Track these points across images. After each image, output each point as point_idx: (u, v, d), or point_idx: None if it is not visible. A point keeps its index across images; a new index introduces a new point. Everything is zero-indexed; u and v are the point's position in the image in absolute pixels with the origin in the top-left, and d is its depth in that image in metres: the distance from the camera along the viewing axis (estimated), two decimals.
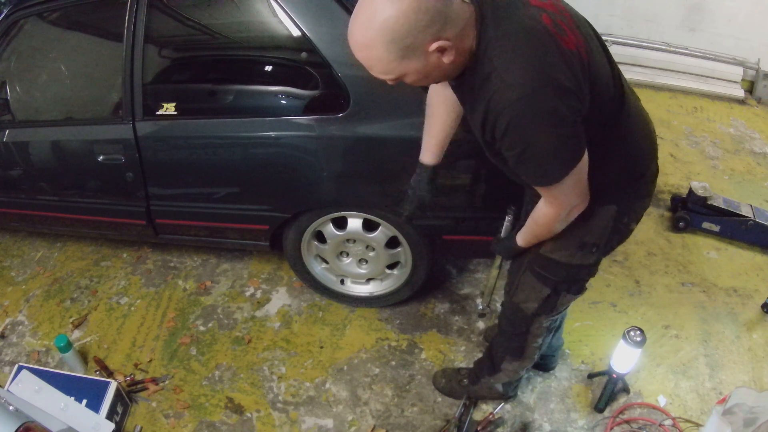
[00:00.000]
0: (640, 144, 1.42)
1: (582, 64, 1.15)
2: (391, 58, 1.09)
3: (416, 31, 1.05)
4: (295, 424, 2.08)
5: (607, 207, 1.41)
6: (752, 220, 2.64)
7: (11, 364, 2.30)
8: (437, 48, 1.08)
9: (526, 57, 1.09)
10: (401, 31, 1.04)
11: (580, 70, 1.14)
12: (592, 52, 1.20)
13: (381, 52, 1.08)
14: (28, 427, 1.59)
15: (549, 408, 2.09)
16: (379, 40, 1.06)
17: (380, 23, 1.04)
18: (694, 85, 3.83)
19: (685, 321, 2.37)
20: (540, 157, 1.17)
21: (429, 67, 1.12)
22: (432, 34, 1.07)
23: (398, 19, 1.03)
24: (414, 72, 1.13)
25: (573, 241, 1.46)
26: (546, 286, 1.56)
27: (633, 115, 1.37)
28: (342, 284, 2.40)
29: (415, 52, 1.08)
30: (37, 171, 2.38)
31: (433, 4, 1.04)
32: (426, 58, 1.10)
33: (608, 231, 1.45)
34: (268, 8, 1.87)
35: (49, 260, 2.79)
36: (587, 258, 1.50)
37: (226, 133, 2.01)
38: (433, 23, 1.05)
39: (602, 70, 1.23)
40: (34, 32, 2.26)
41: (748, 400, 1.67)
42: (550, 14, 1.14)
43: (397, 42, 1.06)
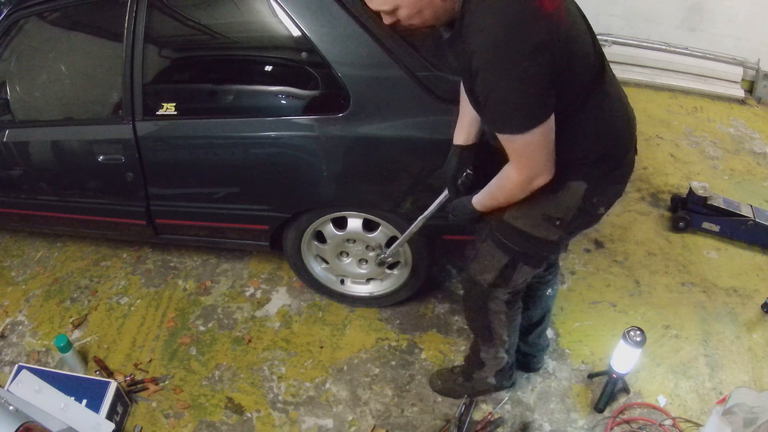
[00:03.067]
0: (616, 126, 1.44)
1: (559, 24, 1.19)
2: None
3: None
4: (295, 424, 2.08)
5: (577, 183, 1.43)
6: (752, 220, 2.64)
7: (11, 364, 2.30)
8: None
9: (502, 9, 1.15)
10: None
11: (556, 30, 1.18)
12: (574, 20, 1.27)
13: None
14: (28, 427, 1.59)
15: (549, 408, 2.09)
16: None
17: None
18: (694, 85, 3.83)
19: (685, 321, 2.38)
20: (503, 103, 1.21)
21: (440, 8, 1.21)
22: None
23: None
24: (407, 5, 1.21)
25: (538, 211, 1.48)
26: (505, 254, 1.58)
27: (611, 97, 1.41)
28: (342, 284, 2.40)
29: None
30: (37, 171, 2.38)
31: None
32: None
33: (575, 208, 1.47)
34: (268, 8, 1.87)
35: (49, 260, 2.79)
36: (551, 233, 1.52)
37: (226, 133, 2.01)
38: None
39: (582, 38, 1.29)
40: (34, 32, 2.26)
41: (748, 400, 1.67)
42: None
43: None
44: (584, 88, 1.33)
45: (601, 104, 1.38)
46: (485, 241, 1.62)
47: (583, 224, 1.59)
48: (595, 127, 1.39)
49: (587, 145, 1.40)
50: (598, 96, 1.36)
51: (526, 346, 2.10)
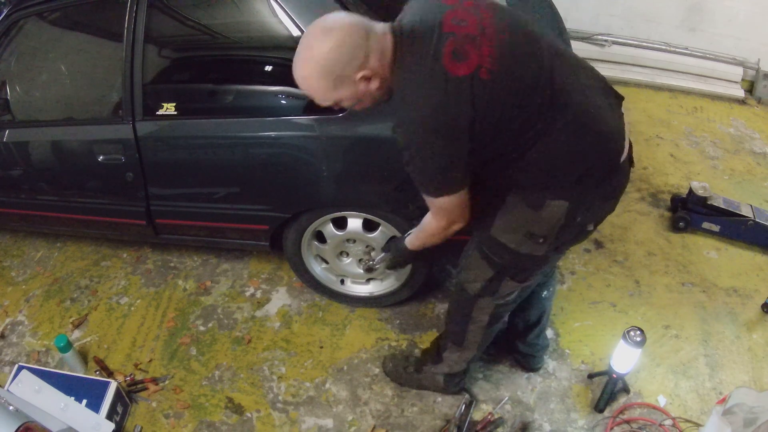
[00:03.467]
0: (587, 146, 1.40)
1: (477, 86, 1.25)
2: (326, 88, 1.30)
3: (342, 64, 1.26)
4: (295, 424, 2.08)
5: (558, 202, 1.42)
6: (752, 220, 2.64)
7: (11, 364, 2.30)
8: (362, 77, 1.29)
9: (409, 93, 1.29)
10: (330, 65, 1.26)
11: (473, 93, 1.25)
12: (508, 65, 1.29)
13: (317, 83, 1.30)
14: (28, 427, 1.59)
15: (549, 408, 2.09)
16: (315, 73, 1.28)
17: (314, 60, 1.27)
18: (694, 85, 3.82)
19: (685, 321, 2.38)
20: (418, 173, 1.38)
21: (359, 93, 1.33)
22: (356, 66, 1.27)
23: (327, 56, 1.25)
24: (347, 98, 1.34)
25: (522, 228, 1.48)
26: (490, 267, 1.59)
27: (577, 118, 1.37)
28: (342, 284, 2.40)
29: (344, 82, 1.29)
30: (37, 171, 2.38)
31: (354, 40, 1.26)
32: (355, 86, 1.31)
33: (558, 226, 1.46)
34: (268, 8, 1.87)
35: (49, 260, 2.79)
36: (536, 249, 1.51)
37: (226, 133, 2.01)
38: (355, 57, 1.26)
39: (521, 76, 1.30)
40: (34, 32, 2.26)
41: (748, 400, 1.67)
42: (457, 39, 1.27)
43: (329, 74, 1.27)
44: (532, 125, 1.33)
45: (562, 130, 1.35)
46: (473, 251, 1.63)
47: (571, 241, 1.58)
48: (563, 151, 1.37)
49: (559, 169, 1.40)
50: (557, 122, 1.34)
51: (525, 346, 2.10)
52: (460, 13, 1.31)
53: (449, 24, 1.29)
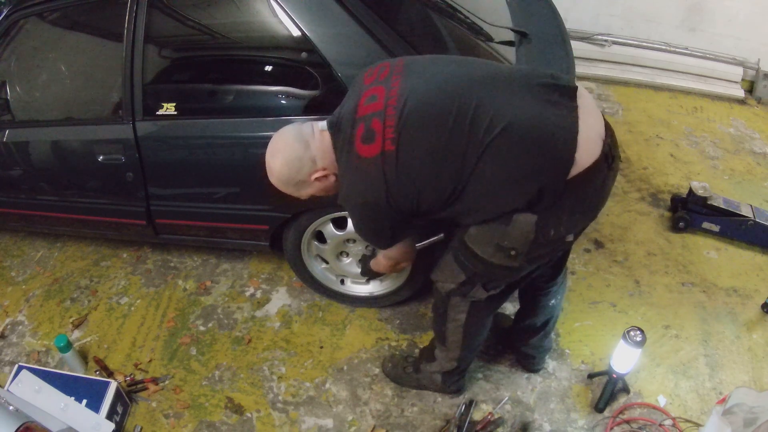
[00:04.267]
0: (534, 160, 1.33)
1: (385, 161, 1.37)
2: (294, 192, 1.56)
3: (295, 174, 1.50)
4: (295, 424, 2.08)
5: (525, 215, 1.38)
6: (752, 220, 2.64)
7: (11, 364, 2.30)
8: (316, 178, 1.51)
9: (342, 181, 1.50)
10: (284, 177, 1.51)
11: (384, 168, 1.37)
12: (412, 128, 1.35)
13: (284, 189, 1.56)
14: (28, 427, 1.60)
15: (549, 408, 2.09)
16: (279, 183, 1.54)
17: (273, 174, 1.53)
18: (694, 85, 3.82)
19: (685, 321, 2.37)
20: (363, 235, 1.64)
21: (323, 188, 1.55)
22: (308, 172, 1.50)
23: (281, 171, 1.50)
24: (316, 192, 1.57)
25: (491, 242, 1.47)
26: (463, 272, 1.61)
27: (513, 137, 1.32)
28: (342, 284, 2.39)
29: (304, 184, 1.53)
30: (37, 171, 2.38)
31: (296, 154, 1.47)
32: (315, 185, 1.53)
33: (529, 241, 1.42)
34: (268, 8, 1.87)
35: (49, 260, 2.79)
36: (508, 261, 1.49)
37: (226, 133, 2.01)
38: (303, 166, 1.49)
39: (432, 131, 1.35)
40: (34, 32, 2.26)
41: (748, 400, 1.67)
42: (366, 121, 1.39)
43: (288, 183, 1.53)
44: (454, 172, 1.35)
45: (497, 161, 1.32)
46: (448, 253, 1.63)
47: (547, 254, 1.53)
48: (503, 180, 1.35)
49: (509, 194, 1.37)
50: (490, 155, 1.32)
51: (528, 348, 2.10)
52: (373, 90, 1.43)
53: (362, 107, 1.42)
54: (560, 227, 1.42)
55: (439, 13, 2.07)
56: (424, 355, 2.05)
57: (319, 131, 1.50)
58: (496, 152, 1.32)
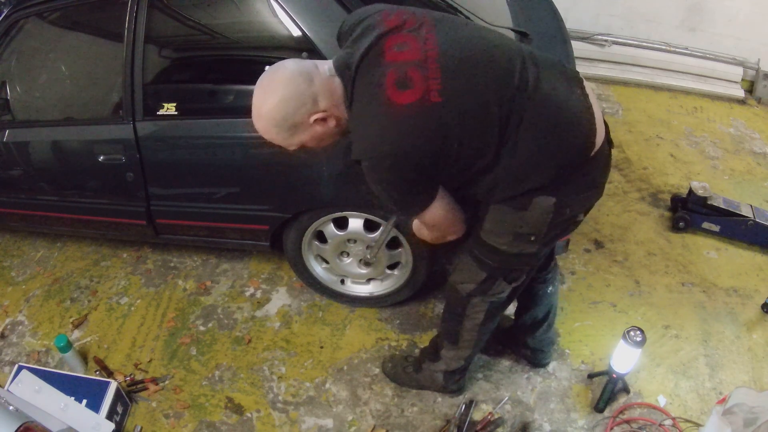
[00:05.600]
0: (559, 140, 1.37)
1: (426, 111, 1.26)
2: (285, 136, 1.35)
3: (292, 113, 1.30)
4: (295, 424, 2.08)
5: (544, 197, 1.40)
6: (752, 220, 2.64)
7: (11, 364, 2.30)
8: (316, 120, 1.32)
9: (361, 132, 1.32)
10: (280, 116, 1.30)
11: (423, 119, 1.26)
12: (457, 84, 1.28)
13: (275, 133, 1.34)
14: (28, 427, 1.60)
15: (549, 408, 2.09)
16: (269, 126, 1.33)
17: (264, 114, 1.31)
18: (694, 85, 3.82)
19: (685, 321, 2.38)
20: (390, 201, 1.40)
21: (319, 134, 1.37)
22: (307, 112, 1.31)
23: (276, 109, 1.29)
24: (309, 140, 1.38)
25: (510, 230, 1.47)
26: (482, 270, 1.59)
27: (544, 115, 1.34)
28: (342, 284, 2.40)
29: (300, 127, 1.33)
30: (37, 171, 2.38)
31: (298, 89, 1.28)
32: (312, 129, 1.34)
33: (547, 223, 1.45)
34: (269, 8, 1.87)
35: (49, 260, 2.79)
36: (527, 247, 1.51)
37: (226, 133, 2.01)
38: (303, 104, 1.29)
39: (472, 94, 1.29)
40: (34, 32, 2.26)
41: (748, 400, 1.67)
42: (399, 67, 1.27)
43: (282, 124, 1.31)
44: (494, 138, 1.32)
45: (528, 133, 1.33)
46: (465, 254, 1.62)
47: (561, 233, 1.57)
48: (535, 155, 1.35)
49: (536, 171, 1.38)
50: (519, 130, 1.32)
51: (535, 342, 2.11)
52: (402, 37, 1.30)
53: (390, 52, 1.29)
54: (575, 206, 1.48)
55: None
56: (426, 355, 2.05)
57: (325, 71, 1.34)
58: (534, 122, 1.33)
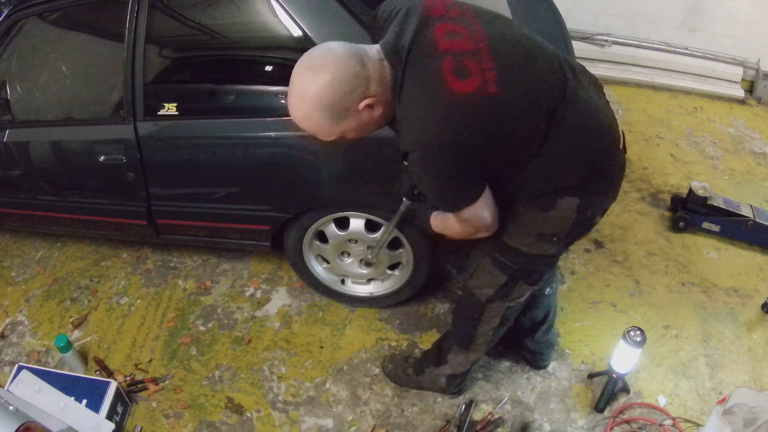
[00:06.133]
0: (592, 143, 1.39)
1: (484, 102, 1.22)
2: (329, 123, 1.24)
3: (343, 97, 1.20)
4: (295, 424, 2.08)
5: (568, 199, 1.41)
6: (752, 220, 2.64)
7: (11, 364, 2.30)
8: (365, 105, 1.24)
9: (415, 119, 1.24)
10: (330, 100, 1.20)
11: (481, 110, 1.22)
12: (510, 77, 1.25)
13: (318, 120, 1.23)
14: (28, 427, 1.59)
15: (549, 408, 2.09)
16: (313, 110, 1.21)
17: (310, 97, 1.20)
18: (694, 85, 3.82)
19: (685, 321, 2.38)
20: (432, 192, 1.35)
21: (363, 122, 1.28)
22: (358, 96, 1.22)
23: (325, 92, 1.19)
24: (352, 129, 1.28)
25: (533, 231, 1.47)
26: (503, 273, 1.58)
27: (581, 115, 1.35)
28: (342, 284, 2.40)
29: (347, 113, 1.24)
30: (37, 171, 2.38)
31: (351, 71, 1.20)
32: (359, 116, 1.25)
33: (570, 223, 1.45)
34: (269, 8, 1.87)
35: (49, 260, 2.79)
36: (547, 248, 1.51)
37: (227, 133, 2.01)
38: (356, 87, 1.21)
39: (524, 89, 1.28)
40: (34, 32, 2.26)
41: (748, 400, 1.67)
42: (455, 56, 1.22)
43: (329, 109, 1.21)
44: (538, 135, 1.31)
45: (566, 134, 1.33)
46: (484, 258, 1.60)
47: (579, 235, 1.57)
48: (567, 156, 1.36)
49: (567, 170, 1.38)
50: (560, 130, 1.32)
51: (534, 344, 2.11)
52: (450, 25, 1.27)
53: (443, 40, 1.24)
54: (596, 208, 1.48)
55: None
56: (429, 359, 2.04)
57: (375, 55, 1.26)
58: (571, 123, 1.33)
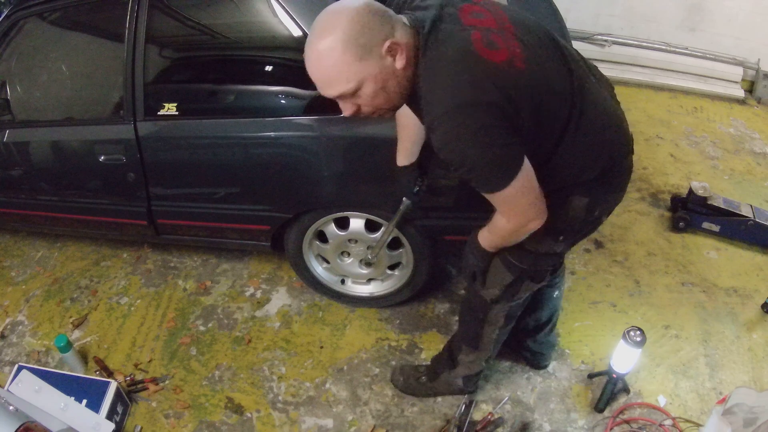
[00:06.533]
0: (607, 140, 1.40)
1: (514, 75, 1.19)
2: (351, 59, 1.15)
3: (369, 29, 1.14)
4: (295, 424, 2.08)
5: (579, 198, 1.42)
6: (752, 220, 2.64)
7: (11, 364, 2.30)
8: (389, 48, 1.16)
9: (446, 79, 1.17)
10: (356, 29, 1.13)
11: (512, 80, 1.19)
12: (535, 59, 1.25)
13: (340, 54, 1.14)
14: (28, 427, 1.59)
15: (549, 408, 2.09)
16: (338, 41, 1.13)
17: (337, 27, 1.13)
18: (694, 85, 3.82)
19: (685, 321, 2.38)
20: (473, 169, 1.22)
21: (385, 72, 1.19)
22: (384, 34, 1.16)
23: (352, 20, 1.13)
24: (371, 79, 1.18)
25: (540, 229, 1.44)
26: (510, 272, 1.58)
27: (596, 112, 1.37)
28: (342, 284, 2.40)
29: (371, 52, 1.15)
30: (38, 171, 2.38)
31: (377, 12, 1.16)
32: (381, 61, 1.17)
33: (578, 222, 1.47)
34: (269, 8, 1.87)
35: (49, 260, 2.79)
36: (554, 246, 1.52)
37: (227, 133, 2.01)
38: (383, 24, 1.16)
39: (550, 75, 1.28)
40: (34, 32, 2.26)
41: (748, 400, 1.68)
42: (482, 30, 1.20)
43: (353, 41, 1.13)
44: (561, 121, 1.31)
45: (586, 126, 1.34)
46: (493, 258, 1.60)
47: (585, 233, 1.59)
48: (587, 148, 1.37)
49: (583, 166, 1.39)
50: (580, 120, 1.33)
51: (536, 345, 2.11)
52: (475, 7, 1.27)
53: (468, 18, 1.23)
54: (604, 207, 1.50)
55: None
56: (442, 364, 2.03)
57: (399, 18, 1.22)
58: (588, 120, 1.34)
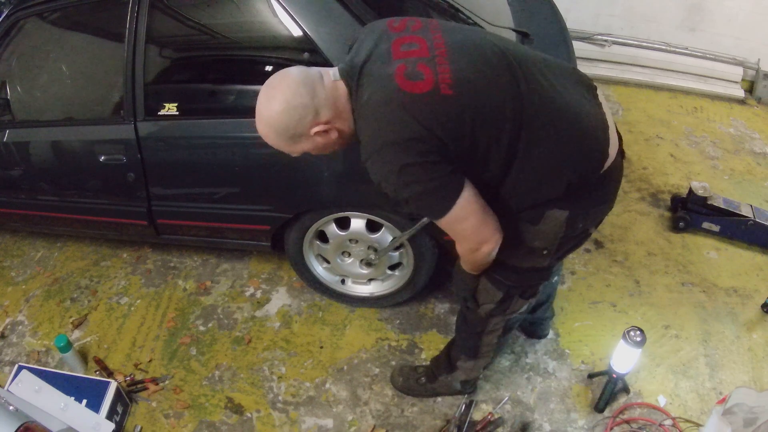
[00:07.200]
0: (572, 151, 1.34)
1: (438, 101, 1.22)
2: (286, 145, 1.34)
3: (293, 124, 1.28)
4: (295, 424, 2.08)
5: (557, 211, 1.38)
6: (752, 220, 2.64)
7: (11, 364, 2.30)
8: (317, 132, 1.30)
9: (371, 122, 1.26)
10: (281, 126, 1.28)
11: (435, 109, 1.22)
12: (467, 81, 1.25)
13: (275, 140, 1.33)
14: (28, 427, 1.59)
15: (549, 408, 2.09)
16: (270, 133, 1.31)
17: (265, 121, 1.29)
18: (694, 85, 3.82)
19: (685, 321, 2.38)
20: (411, 200, 1.29)
21: (320, 144, 1.34)
22: (309, 123, 1.28)
23: (276, 118, 1.27)
24: (311, 149, 1.35)
25: (523, 244, 1.45)
26: (499, 289, 1.58)
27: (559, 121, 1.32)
28: (343, 284, 2.40)
29: (300, 138, 1.31)
30: (38, 171, 2.38)
31: (300, 101, 1.26)
32: (313, 140, 1.32)
33: (560, 236, 1.43)
34: (270, 8, 1.87)
35: (49, 260, 2.79)
36: (539, 261, 1.50)
37: (227, 133, 2.01)
38: (305, 116, 1.27)
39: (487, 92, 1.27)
40: (34, 32, 2.26)
41: (748, 400, 1.68)
42: (409, 62, 1.25)
43: (283, 134, 1.30)
44: (506, 140, 1.28)
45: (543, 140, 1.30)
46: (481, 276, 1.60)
47: (573, 247, 1.57)
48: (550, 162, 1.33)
49: (542, 182, 1.35)
50: (534, 135, 1.29)
51: (533, 319, 2.15)
52: (408, 38, 1.30)
53: (398, 52, 1.28)
54: (587, 220, 1.46)
55: (440, 14, 2.07)
56: (441, 367, 2.04)
57: (330, 78, 1.30)
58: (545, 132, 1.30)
